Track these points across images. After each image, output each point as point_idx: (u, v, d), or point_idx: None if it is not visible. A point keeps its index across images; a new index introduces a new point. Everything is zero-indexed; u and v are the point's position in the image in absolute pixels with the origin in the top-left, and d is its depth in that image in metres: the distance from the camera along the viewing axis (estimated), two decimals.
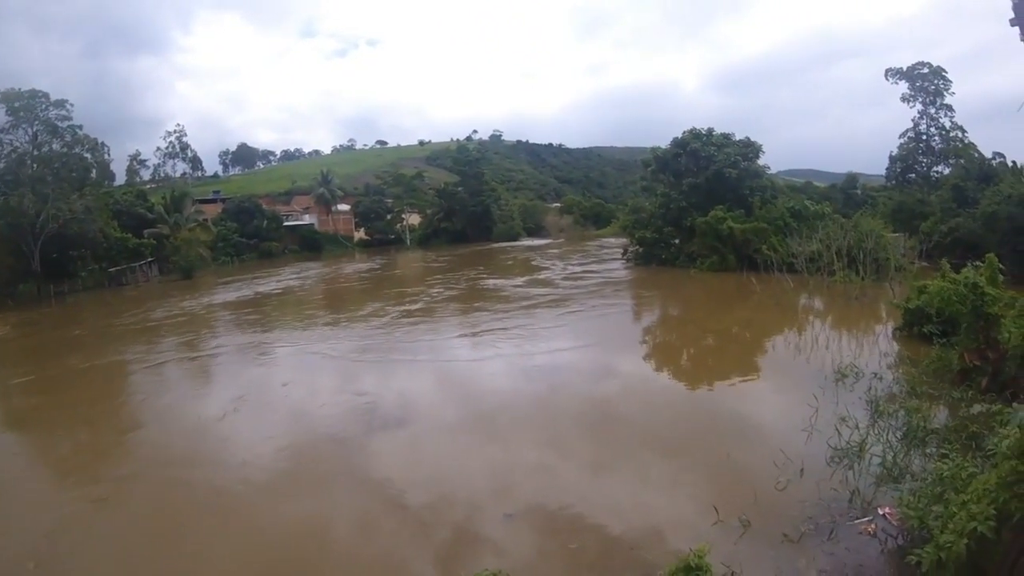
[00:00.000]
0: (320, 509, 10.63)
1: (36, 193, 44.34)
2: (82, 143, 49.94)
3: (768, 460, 10.02)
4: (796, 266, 28.35)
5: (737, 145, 39.16)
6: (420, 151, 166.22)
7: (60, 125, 47.92)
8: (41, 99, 47.25)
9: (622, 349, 20.24)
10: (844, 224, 29.31)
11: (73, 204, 45.79)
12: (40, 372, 22.91)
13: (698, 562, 6.98)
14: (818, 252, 27.71)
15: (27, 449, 15.92)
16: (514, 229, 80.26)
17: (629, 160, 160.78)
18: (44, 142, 47.42)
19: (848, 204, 46.80)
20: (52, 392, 20.32)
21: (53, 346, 28.13)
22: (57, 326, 34.61)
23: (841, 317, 21.49)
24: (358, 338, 23.96)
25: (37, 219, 44.01)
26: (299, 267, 58.20)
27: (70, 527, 10.74)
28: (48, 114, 47.29)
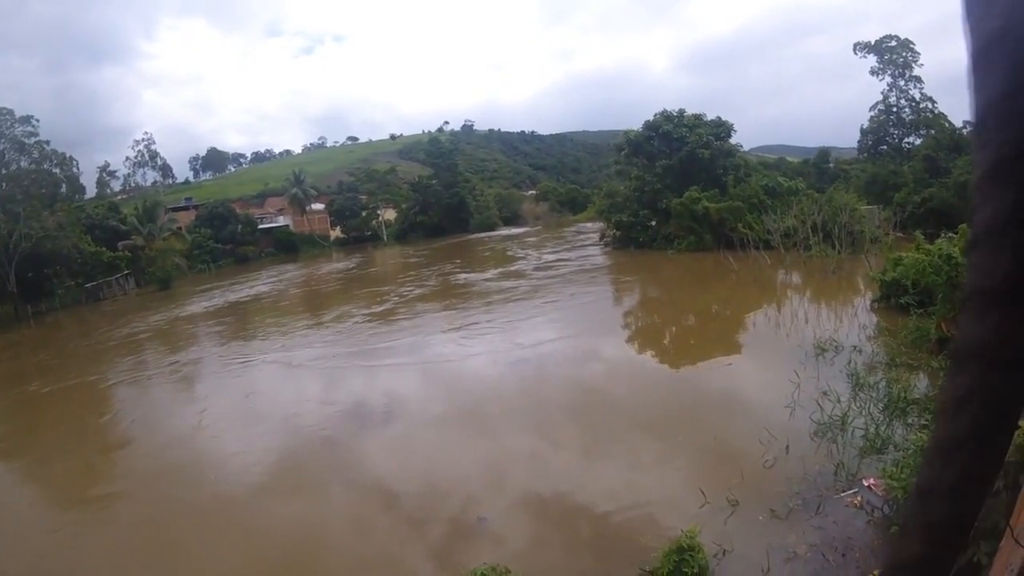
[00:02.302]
0: (314, 510, 10.71)
1: (7, 213, 43.59)
2: (50, 158, 49.19)
3: (753, 438, 10.20)
4: (772, 243, 28.64)
5: (709, 125, 39.38)
6: (392, 145, 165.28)
7: (27, 142, 47.18)
8: (6, 116, 46.38)
9: (603, 335, 20.34)
10: (818, 199, 29.63)
11: (45, 221, 45.09)
12: (23, 395, 22.64)
13: (690, 543, 7.15)
14: (793, 228, 28.01)
15: (17, 470, 15.81)
16: (491, 219, 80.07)
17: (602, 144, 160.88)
18: (12, 160, 46.55)
19: (821, 179, 47.17)
20: (36, 413, 20.14)
21: (34, 369, 27.74)
22: (36, 348, 34.09)
23: (819, 291, 21.79)
24: (338, 341, 23.87)
25: (9, 239, 43.22)
26: (276, 270, 57.70)
27: (66, 546, 10.71)
28: (14, 131, 46.48)
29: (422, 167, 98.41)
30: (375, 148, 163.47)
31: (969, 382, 0.55)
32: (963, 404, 0.57)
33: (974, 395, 0.55)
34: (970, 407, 0.57)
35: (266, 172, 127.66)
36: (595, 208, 58.34)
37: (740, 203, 33.69)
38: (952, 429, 0.59)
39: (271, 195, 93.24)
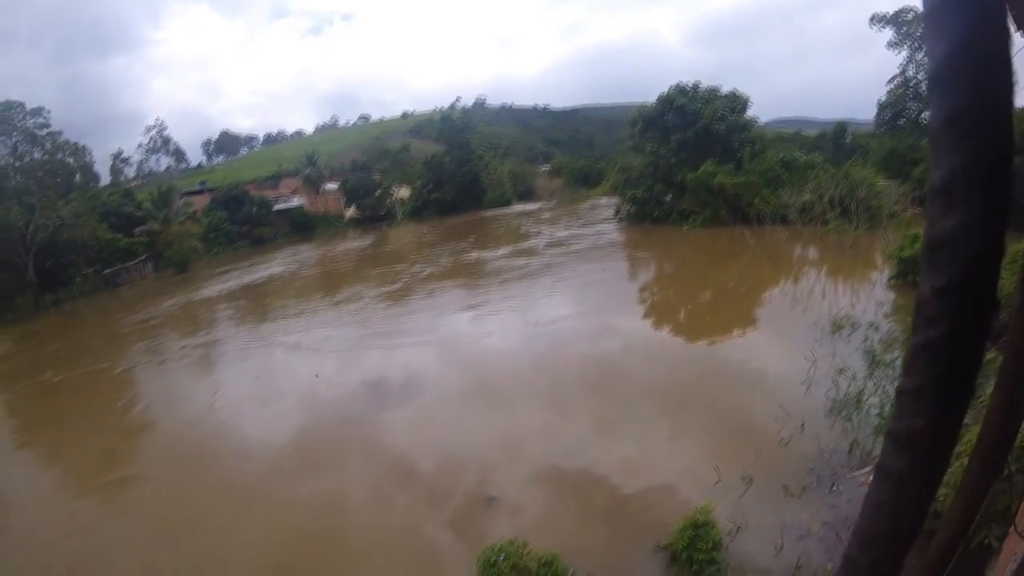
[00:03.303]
0: (334, 485, 11.01)
1: (22, 204, 43.86)
2: (63, 149, 49.46)
3: (769, 414, 10.30)
4: (789, 218, 28.41)
5: (724, 99, 38.78)
6: (404, 123, 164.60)
7: (39, 133, 47.38)
8: (17, 109, 46.65)
9: (618, 311, 20.43)
10: (835, 173, 29.27)
11: (61, 211, 45.32)
12: (41, 384, 23.15)
13: (704, 518, 7.30)
14: (810, 203, 27.74)
15: (37, 456, 16.29)
16: (505, 195, 79.52)
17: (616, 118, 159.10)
18: (25, 152, 46.86)
19: (838, 153, 46.38)
20: (54, 401, 20.63)
21: (51, 357, 28.26)
22: (55, 336, 34.68)
23: (835, 267, 21.65)
24: (354, 321, 24.17)
25: (26, 230, 43.57)
26: (292, 251, 58.02)
27: (94, 526, 11.10)
28: (26, 123, 46.72)
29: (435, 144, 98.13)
30: (387, 127, 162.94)
31: (929, 335, 0.56)
32: (923, 353, 0.57)
33: (933, 346, 0.56)
34: (930, 357, 0.58)
35: (279, 153, 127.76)
36: (609, 183, 57.95)
37: (756, 177, 33.31)
38: (915, 379, 0.59)
39: (285, 176, 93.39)
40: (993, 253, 0.56)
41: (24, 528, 11.64)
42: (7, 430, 19.53)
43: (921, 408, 0.59)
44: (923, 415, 0.59)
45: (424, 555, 8.62)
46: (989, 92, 0.54)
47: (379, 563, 8.65)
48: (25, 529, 11.57)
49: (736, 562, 7.00)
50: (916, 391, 0.59)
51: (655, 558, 7.46)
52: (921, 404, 0.59)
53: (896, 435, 0.64)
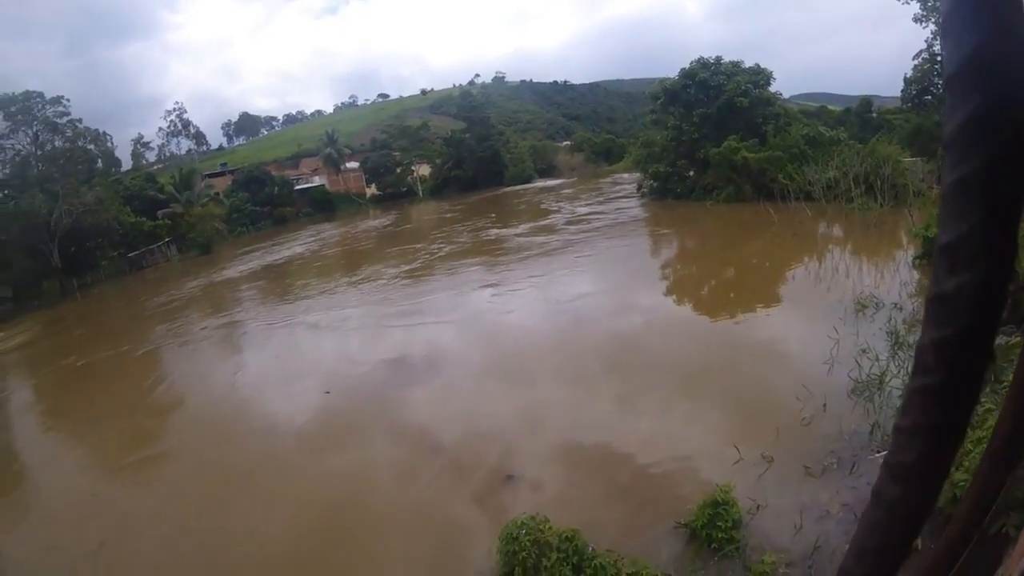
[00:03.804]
0: (359, 460, 11.26)
1: (45, 192, 44.75)
2: (84, 136, 50.38)
3: (790, 393, 10.27)
4: (813, 194, 28.00)
5: (747, 73, 38.13)
6: (423, 100, 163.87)
7: (59, 122, 48.19)
8: (36, 99, 47.35)
9: (640, 288, 20.46)
10: (860, 150, 28.70)
11: (84, 197, 46.08)
12: (67, 368, 23.80)
13: (724, 497, 7.35)
14: (835, 179, 27.28)
15: (73, 436, 16.77)
16: (526, 171, 79.18)
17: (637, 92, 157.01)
18: (46, 141, 47.82)
19: (864, 129, 45.32)
20: (81, 383, 21.21)
21: (77, 341, 28.98)
22: (83, 320, 35.50)
23: (860, 246, 21.32)
24: (375, 299, 24.48)
25: (50, 217, 44.33)
26: (314, 230, 58.50)
27: (123, 503, 11.48)
28: (46, 112, 47.52)
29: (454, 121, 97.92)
30: (406, 104, 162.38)
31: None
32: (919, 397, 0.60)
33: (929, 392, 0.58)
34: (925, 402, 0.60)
35: (299, 133, 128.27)
36: (632, 158, 57.40)
37: (780, 153, 32.74)
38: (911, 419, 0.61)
39: (305, 156, 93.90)
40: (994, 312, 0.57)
41: (57, 504, 12.06)
42: (37, 412, 20.16)
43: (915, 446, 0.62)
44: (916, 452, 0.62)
45: (447, 529, 8.79)
46: None
47: (403, 537, 8.84)
48: (59, 505, 11.99)
49: (755, 541, 7.06)
50: (911, 430, 0.62)
51: (675, 535, 7.54)
52: (915, 442, 0.61)
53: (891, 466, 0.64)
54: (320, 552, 8.86)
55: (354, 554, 8.70)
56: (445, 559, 8.22)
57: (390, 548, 8.67)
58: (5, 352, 30.60)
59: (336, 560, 8.64)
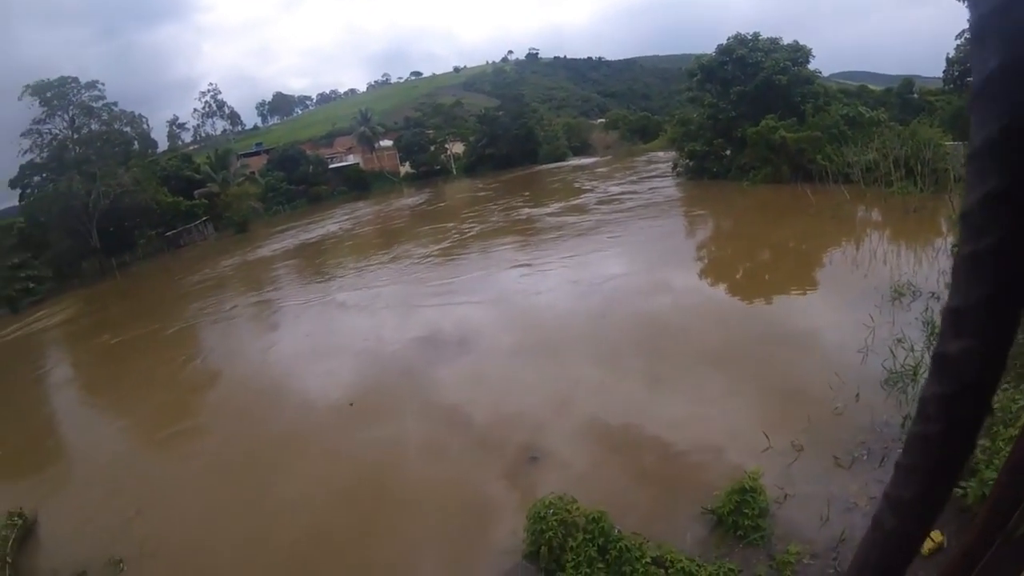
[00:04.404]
0: (393, 435, 11.49)
1: (83, 174, 45.54)
2: (120, 119, 51.07)
3: (823, 381, 10.20)
4: (852, 177, 27.33)
5: (786, 50, 37.05)
6: (456, 78, 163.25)
7: (95, 106, 48.86)
8: (71, 85, 48.08)
9: (673, 269, 20.34)
10: (900, 132, 27.85)
11: (121, 178, 46.97)
12: (103, 345, 24.67)
13: (752, 484, 7.37)
14: (874, 162, 26.55)
15: (111, 409, 17.43)
16: (560, 149, 78.34)
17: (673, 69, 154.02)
18: (82, 124, 48.37)
19: (905, 110, 43.81)
20: (117, 360, 21.91)
21: (113, 320, 29.83)
22: (121, 298, 36.54)
23: (898, 231, 20.78)
24: (408, 278, 24.78)
25: (88, 198, 45.24)
26: (348, 208, 58.97)
27: (159, 473, 12.00)
28: (81, 97, 48.17)
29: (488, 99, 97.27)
30: (439, 82, 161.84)
31: None
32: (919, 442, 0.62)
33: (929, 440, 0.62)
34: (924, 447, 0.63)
35: (333, 112, 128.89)
36: (667, 136, 56.51)
37: (819, 133, 31.86)
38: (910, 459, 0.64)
39: (339, 135, 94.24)
40: (994, 375, 0.60)
41: (96, 474, 12.61)
42: (76, 387, 20.98)
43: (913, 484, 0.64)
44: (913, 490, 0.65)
45: (474, 505, 9.00)
46: None
47: (431, 512, 9.07)
48: (96, 475, 12.53)
49: (781, 531, 7.08)
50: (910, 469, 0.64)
51: (701, 520, 7.60)
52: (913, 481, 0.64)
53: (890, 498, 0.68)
54: (350, 524, 9.14)
55: (383, 527, 8.95)
56: (472, 535, 8.41)
57: (418, 523, 8.88)
58: (47, 329, 31.74)
59: (365, 532, 8.91)
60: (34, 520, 10.97)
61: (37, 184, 47.96)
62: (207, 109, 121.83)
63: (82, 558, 9.36)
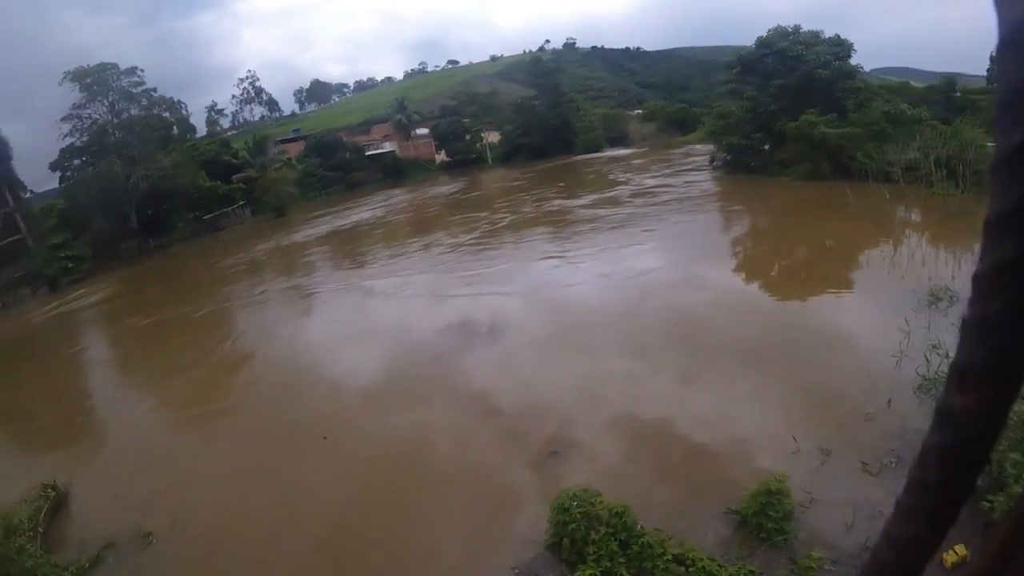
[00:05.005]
0: (421, 420, 11.72)
1: (122, 158, 46.63)
2: (159, 104, 52.37)
3: (855, 385, 10.12)
4: (892, 176, 26.72)
5: (827, 44, 36.12)
6: (493, 67, 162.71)
7: (134, 91, 49.94)
8: (111, 71, 49.07)
9: (707, 264, 20.17)
10: (943, 131, 27.10)
11: (160, 162, 47.86)
12: (133, 326, 25.48)
13: (778, 487, 7.36)
14: (915, 161, 25.91)
15: (146, 388, 17.96)
16: (596, 140, 77.43)
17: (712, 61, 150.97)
18: (122, 109, 49.44)
19: (947, 108, 42.41)
20: (156, 338, 22.55)
21: (153, 299, 30.69)
22: (158, 278, 37.45)
23: (938, 233, 20.23)
24: (441, 267, 25.04)
25: (127, 181, 46.21)
26: (384, 195, 59.40)
27: (189, 452, 12.38)
28: (120, 83, 49.19)
29: (524, 88, 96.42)
30: (476, 71, 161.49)
31: None
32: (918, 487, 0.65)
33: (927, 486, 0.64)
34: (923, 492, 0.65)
35: (370, 100, 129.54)
36: (705, 129, 55.66)
37: (860, 130, 31.14)
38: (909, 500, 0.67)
39: (376, 122, 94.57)
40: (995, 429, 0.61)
41: (127, 449, 13.10)
42: (110, 365, 21.64)
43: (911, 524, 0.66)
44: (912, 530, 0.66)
45: (499, 494, 9.13)
46: None
47: (456, 498, 9.24)
48: (128, 450, 13.02)
49: (804, 535, 7.06)
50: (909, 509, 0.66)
51: (724, 520, 7.62)
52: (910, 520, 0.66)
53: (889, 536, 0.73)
54: (375, 507, 9.34)
55: (408, 511, 9.14)
56: (495, 523, 8.54)
57: (443, 508, 9.05)
58: (84, 308, 32.66)
59: (390, 515, 9.10)
60: (66, 492, 11.39)
61: (77, 167, 49.16)
62: (245, 95, 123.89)
63: (112, 530, 9.70)
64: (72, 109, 47.66)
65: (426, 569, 8.00)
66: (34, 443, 15.21)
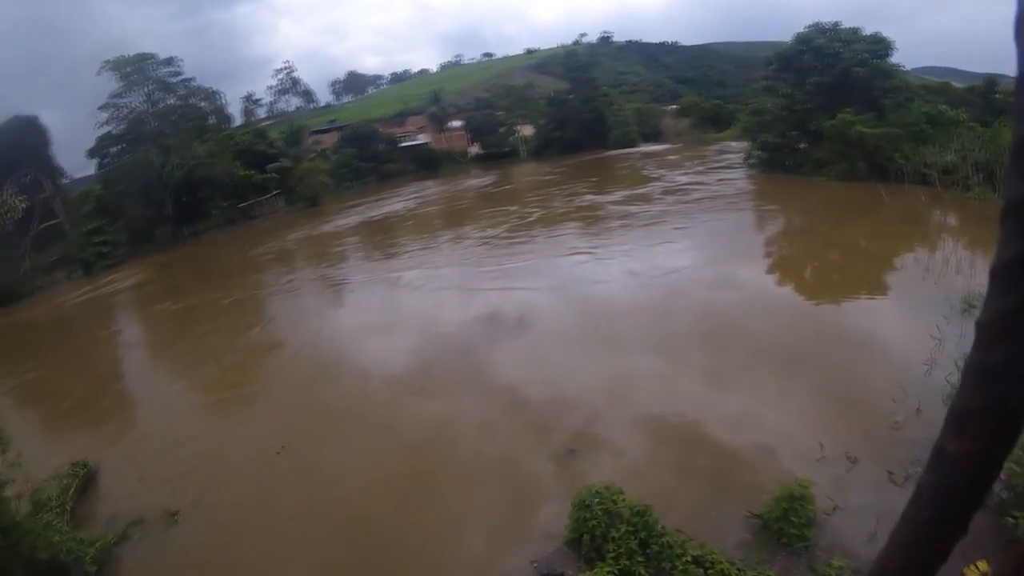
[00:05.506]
0: (448, 410, 11.88)
1: (158, 146, 47.37)
2: (196, 94, 52.88)
3: (884, 392, 10.02)
4: (929, 178, 26.16)
5: (866, 41, 35.27)
6: (527, 60, 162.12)
7: (172, 81, 50.59)
8: (149, 61, 49.82)
9: (738, 264, 20.08)
10: (982, 134, 26.34)
11: (196, 151, 48.60)
12: (174, 308, 26.02)
13: (801, 492, 7.34)
14: (953, 164, 25.31)
15: (176, 371, 18.45)
16: (630, 135, 76.67)
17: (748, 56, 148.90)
18: (160, 99, 50.11)
19: (987, 110, 41.13)
20: (187, 323, 23.13)
21: (185, 284, 31.34)
22: (191, 265, 38.21)
23: (974, 239, 19.68)
24: (472, 258, 25.25)
25: (163, 169, 46.97)
26: (417, 187, 59.68)
27: (219, 433, 12.76)
28: (158, 73, 49.90)
29: (559, 82, 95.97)
30: (510, 63, 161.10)
31: None
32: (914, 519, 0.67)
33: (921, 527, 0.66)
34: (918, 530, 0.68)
35: (405, 92, 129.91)
36: (740, 126, 55.04)
37: (898, 130, 30.53)
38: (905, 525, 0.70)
39: (410, 114, 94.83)
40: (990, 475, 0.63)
41: (157, 430, 13.45)
42: (140, 348, 22.23)
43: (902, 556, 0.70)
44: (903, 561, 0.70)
45: (522, 486, 9.23)
46: None
47: (479, 489, 9.39)
48: (158, 430, 13.37)
49: (826, 542, 7.05)
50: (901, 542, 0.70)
51: (746, 524, 7.62)
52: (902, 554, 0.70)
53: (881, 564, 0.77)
54: (399, 494, 9.51)
55: (431, 499, 9.30)
56: (516, 515, 8.64)
57: (466, 498, 9.21)
58: (118, 292, 33.47)
59: (413, 502, 9.26)
60: (96, 470, 11.78)
61: (114, 154, 50.01)
62: (282, 86, 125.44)
63: (139, 508, 10.00)
64: (110, 98, 48.56)
65: (446, 556, 8.13)
66: (65, 422, 15.68)
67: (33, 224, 40.73)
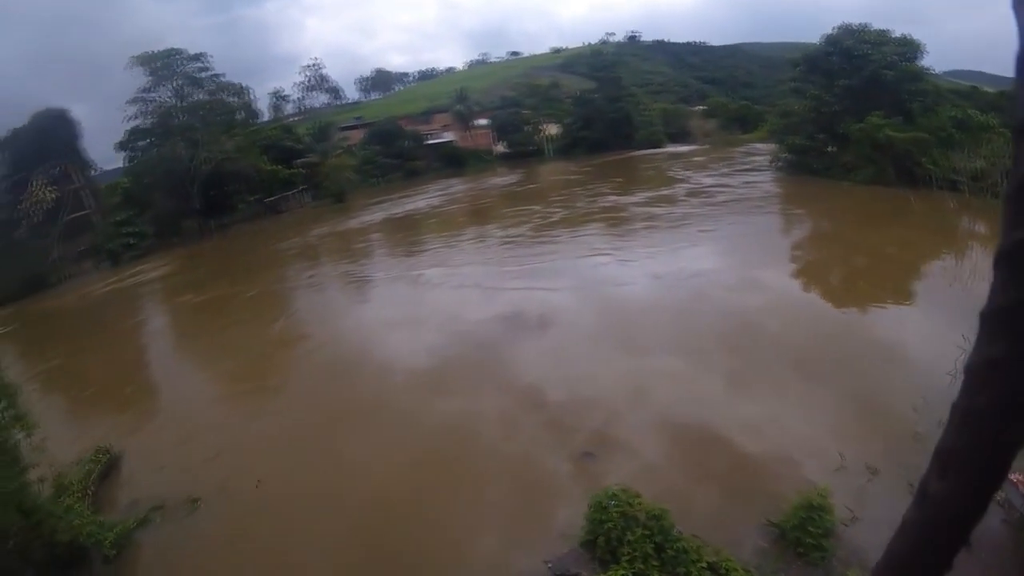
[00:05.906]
0: (467, 408, 11.99)
1: (186, 140, 47.91)
2: (225, 89, 53.24)
3: (907, 402, 9.93)
4: (958, 184, 25.69)
5: (895, 43, 34.65)
6: (553, 59, 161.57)
7: (200, 76, 51.09)
8: (177, 57, 50.37)
9: (763, 268, 19.91)
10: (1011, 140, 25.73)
11: (223, 145, 49.11)
12: (198, 300, 26.36)
13: (820, 502, 7.31)
14: (982, 170, 24.84)
15: (199, 362, 18.77)
16: (656, 135, 76.05)
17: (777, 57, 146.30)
18: (189, 94, 50.67)
19: None
20: (210, 315, 23.47)
21: (210, 277, 31.71)
22: (217, 257, 38.70)
23: None
24: (495, 257, 25.33)
25: (191, 163, 47.49)
26: (442, 184, 59.78)
27: (240, 424, 12.95)
28: (186, 68, 50.43)
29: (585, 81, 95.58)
30: (536, 62, 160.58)
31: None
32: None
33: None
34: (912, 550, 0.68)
35: (431, 90, 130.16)
36: (768, 127, 54.40)
37: (927, 135, 30.01)
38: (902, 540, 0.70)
39: (436, 112, 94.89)
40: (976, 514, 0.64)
41: (180, 419, 13.73)
42: (165, 338, 22.61)
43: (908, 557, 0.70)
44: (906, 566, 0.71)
45: (540, 484, 9.30)
46: None
47: (496, 486, 9.46)
48: (181, 419, 13.65)
49: (844, 553, 7.01)
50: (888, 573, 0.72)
51: (762, 531, 7.61)
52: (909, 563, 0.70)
53: None
54: (416, 488, 9.62)
55: (448, 494, 9.40)
56: (532, 514, 8.71)
57: (483, 496, 9.29)
58: (144, 283, 34.11)
59: (430, 497, 9.37)
60: (119, 456, 12.07)
61: (142, 148, 50.59)
62: (309, 82, 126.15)
63: (160, 494, 10.24)
64: (139, 92, 49.17)
65: (460, 553, 8.22)
66: (89, 408, 16.04)
67: (62, 214, 41.58)
